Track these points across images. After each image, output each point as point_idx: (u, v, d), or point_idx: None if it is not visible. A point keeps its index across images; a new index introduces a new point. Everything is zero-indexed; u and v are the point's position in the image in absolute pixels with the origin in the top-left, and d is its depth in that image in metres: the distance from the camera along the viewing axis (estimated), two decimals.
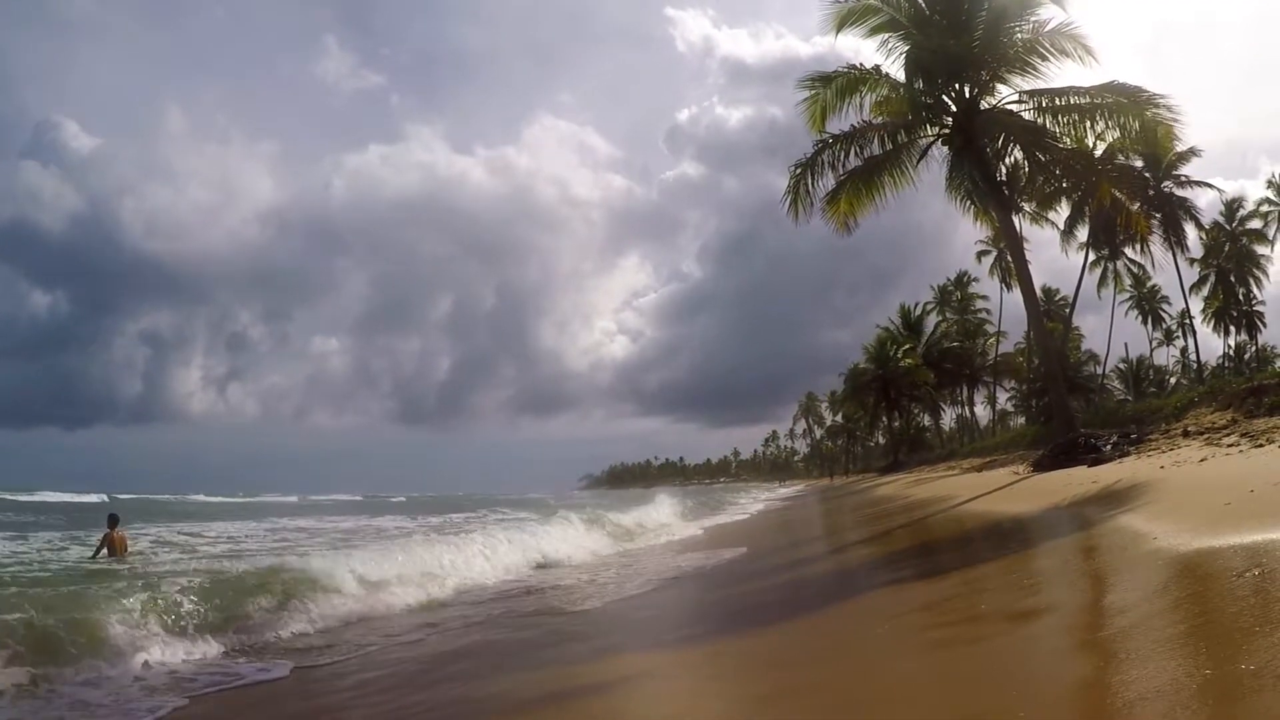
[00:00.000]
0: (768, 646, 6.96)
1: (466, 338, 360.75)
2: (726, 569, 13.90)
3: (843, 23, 24.14)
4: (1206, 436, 17.16)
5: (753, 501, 51.07)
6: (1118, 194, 24.14)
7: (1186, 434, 18.91)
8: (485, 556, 15.11)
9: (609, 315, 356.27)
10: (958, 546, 12.63)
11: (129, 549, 17.52)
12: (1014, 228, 27.96)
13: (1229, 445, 14.70)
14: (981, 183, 23.83)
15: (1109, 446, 20.45)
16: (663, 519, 28.38)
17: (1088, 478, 15.16)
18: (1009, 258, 41.77)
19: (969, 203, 25.25)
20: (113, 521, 17.34)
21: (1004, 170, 24.76)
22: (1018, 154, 24.08)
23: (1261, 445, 13.37)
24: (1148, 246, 41.82)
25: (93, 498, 54.59)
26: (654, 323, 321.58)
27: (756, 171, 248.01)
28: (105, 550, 16.73)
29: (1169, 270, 50.14)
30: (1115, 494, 11.60)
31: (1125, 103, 22.21)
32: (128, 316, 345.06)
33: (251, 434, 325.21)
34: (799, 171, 23.57)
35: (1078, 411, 31.31)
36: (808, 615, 8.37)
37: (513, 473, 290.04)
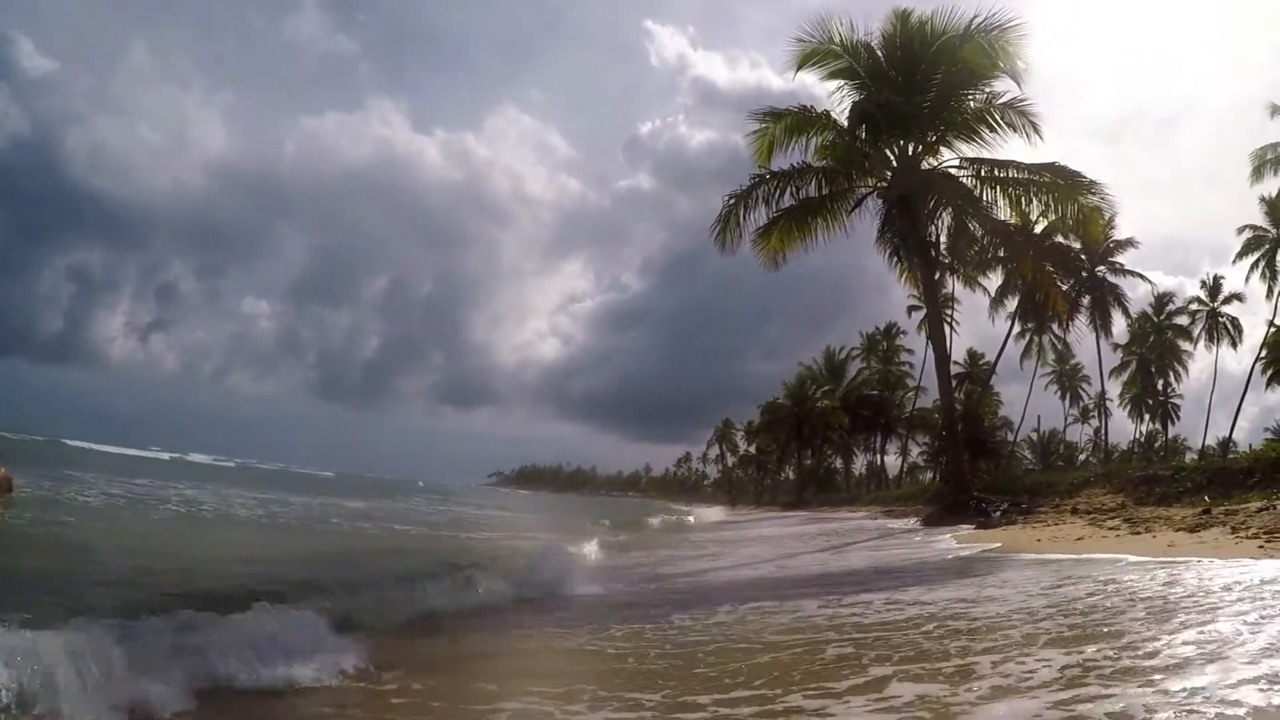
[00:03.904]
0: None
1: (398, 319, 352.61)
2: None
3: (804, 62, 24.23)
4: (1092, 516, 17.65)
5: None
6: (1049, 268, 24.58)
7: (1075, 511, 19.46)
8: None
9: (543, 316, 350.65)
10: None
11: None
12: (935, 289, 28.21)
13: (1109, 528, 15.12)
14: (911, 240, 24.17)
15: (999, 513, 20.91)
16: None
17: (966, 539, 15.42)
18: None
19: (896, 258, 25.62)
20: None
21: (934, 232, 24.94)
22: (948, 218, 24.29)
23: (1139, 533, 13.76)
24: (1068, 326, 42.85)
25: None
26: (587, 329, 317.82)
27: (710, 195, 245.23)
28: None
29: (1092, 351, 51.29)
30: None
31: (1062, 185, 22.65)
32: (57, 249, 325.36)
33: (167, 388, 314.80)
34: (733, 202, 23.58)
35: (984, 474, 31.78)
36: None
37: (424, 460, 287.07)
